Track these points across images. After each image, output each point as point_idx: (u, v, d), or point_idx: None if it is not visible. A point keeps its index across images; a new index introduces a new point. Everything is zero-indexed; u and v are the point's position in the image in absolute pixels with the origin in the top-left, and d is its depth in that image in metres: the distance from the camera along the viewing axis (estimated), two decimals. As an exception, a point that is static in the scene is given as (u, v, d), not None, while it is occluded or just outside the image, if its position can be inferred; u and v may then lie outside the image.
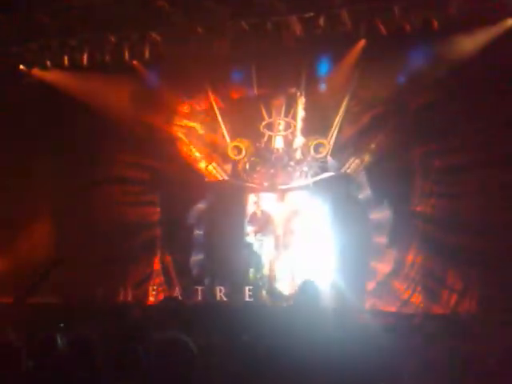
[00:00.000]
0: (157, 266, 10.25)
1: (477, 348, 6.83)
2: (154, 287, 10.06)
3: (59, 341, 4.27)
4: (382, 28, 8.50)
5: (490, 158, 8.25)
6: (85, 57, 9.66)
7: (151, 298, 9.99)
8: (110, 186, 10.43)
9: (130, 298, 9.85)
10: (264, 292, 9.46)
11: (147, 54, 9.48)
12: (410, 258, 8.95)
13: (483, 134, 8.38)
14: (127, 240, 10.18)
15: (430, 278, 8.78)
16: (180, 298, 9.52)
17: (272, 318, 6.60)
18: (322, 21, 8.65)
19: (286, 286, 9.51)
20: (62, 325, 6.20)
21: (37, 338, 4.26)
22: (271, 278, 9.61)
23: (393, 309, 8.84)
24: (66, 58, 9.74)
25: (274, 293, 9.46)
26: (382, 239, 9.19)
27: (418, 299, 8.80)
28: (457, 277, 8.54)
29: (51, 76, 9.98)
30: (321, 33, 8.67)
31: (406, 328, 8.12)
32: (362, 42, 8.80)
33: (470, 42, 8.27)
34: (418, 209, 8.97)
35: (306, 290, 6.27)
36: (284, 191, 9.78)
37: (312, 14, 8.64)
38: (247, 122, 9.91)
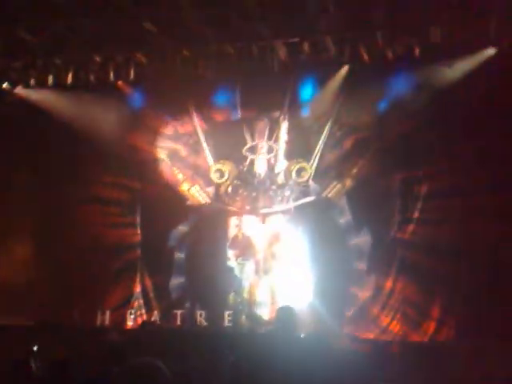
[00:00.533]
0: (136, 288, 10.08)
1: (454, 377, 6.81)
2: (132, 311, 9.89)
3: (33, 364, 4.19)
4: (366, 55, 8.61)
5: (470, 184, 8.25)
6: (69, 76, 9.65)
7: (129, 322, 9.82)
8: (89, 207, 10.28)
9: (107, 322, 9.62)
10: (244, 317, 9.35)
11: (132, 75, 9.51)
12: (389, 284, 8.87)
13: (463, 160, 8.39)
14: (106, 261, 10.03)
15: (408, 305, 8.70)
16: (158, 322, 9.41)
17: (250, 344, 6.55)
18: (306, 46, 8.75)
19: (265, 310, 9.40)
20: (35, 348, 6.06)
21: (11, 361, 4.17)
22: (251, 303, 9.50)
23: (371, 335, 8.75)
24: (50, 77, 9.73)
25: (253, 318, 9.36)
26: (362, 265, 9.13)
27: (396, 326, 8.72)
28: (436, 304, 8.46)
29: (35, 95, 9.98)
30: (305, 58, 8.77)
31: (384, 355, 8.08)
32: (346, 68, 8.90)
33: (452, 70, 8.35)
34: (398, 235, 8.93)
35: (282, 316, 6.25)
36: (265, 215, 9.72)
37: (297, 39, 8.73)
38: (230, 145, 9.87)
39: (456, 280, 8.16)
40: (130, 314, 9.86)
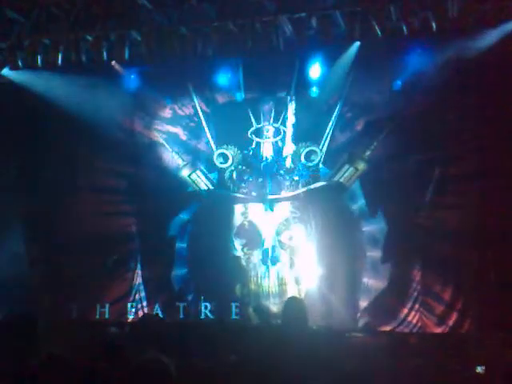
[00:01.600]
0: (136, 280, 9.69)
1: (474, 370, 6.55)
2: (133, 304, 9.53)
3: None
4: (378, 30, 8.11)
5: (492, 166, 7.88)
6: (59, 57, 9.09)
7: (130, 316, 9.46)
8: (85, 195, 9.82)
9: (107, 315, 9.28)
10: (251, 309, 9.03)
11: (126, 55, 8.95)
12: (406, 273, 8.53)
13: (484, 141, 8.02)
14: (104, 252, 9.60)
15: (428, 295, 8.37)
16: (160, 315, 8.99)
17: (259, 338, 6.31)
18: (314, 22, 8.29)
19: (274, 302, 9.06)
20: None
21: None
22: (259, 294, 9.17)
23: (388, 328, 8.43)
24: (38, 58, 9.17)
25: (261, 310, 9.02)
26: (377, 253, 8.78)
27: (415, 317, 8.39)
28: (457, 294, 8.11)
29: (23, 77, 9.41)
30: (313, 34, 8.28)
31: (402, 348, 7.82)
32: (357, 45, 8.38)
33: (470, 45, 7.90)
34: (416, 221, 8.53)
35: (290, 308, 6.00)
36: (273, 201, 9.30)
37: (304, 14, 8.23)
38: (234, 128, 9.43)
39: (480, 269, 7.79)
40: (132, 306, 9.51)
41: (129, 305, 9.53)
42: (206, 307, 9.04)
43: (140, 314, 9.38)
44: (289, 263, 9.18)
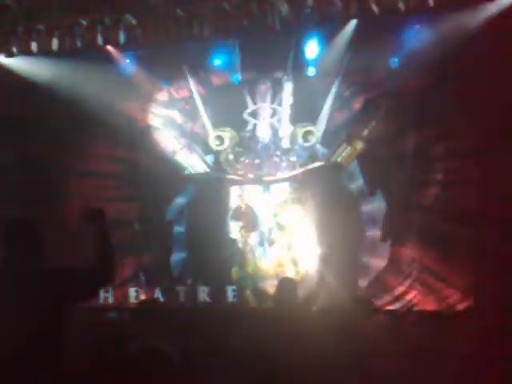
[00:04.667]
0: (137, 265, 9.63)
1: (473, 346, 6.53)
2: (135, 288, 9.44)
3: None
4: (375, 7, 7.94)
5: (493, 143, 7.72)
6: (54, 42, 8.99)
7: (132, 300, 9.37)
8: (82, 181, 9.74)
9: (110, 300, 9.23)
10: (248, 292, 9.00)
11: (122, 38, 8.83)
12: (406, 252, 8.43)
13: (482, 118, 7.85)
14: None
15: (427, 273, 8.26)
16: (161, 299, 8.98)
17: (256, 320, 6.28)
18: (310, 0, 8.13)
19: (272, 284, 8.88)
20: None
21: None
22: (256, 277, 9.12)
23: (388, 306, 8.34)
24: (33, 43, 9.07)
25: (258, 292, 9.00)
26: (376, 233, 8.70)
27: (415, 297, 8.29)
28: (457, 272, 8.00)
29: (18, 63, 9.33)
30: (309, 13, 8.09)
31: (402, 326, 7.77)
32: (353, 22, 8.27)
33: (469, 20, 7.77)
34: (415, 199, 8.43)
35: (282, 288, 5.96)
36: (270, 183, 9.25)
37: (299, -8, 8.09)
38: (230, 110, 9.34)
39: (480, 247, 7.66)
40: (136, 291, 9.40)
41: (132, 289, 9.44)
42: (203, 291, 8.97)
43: (141, 298, 9.27)
44: (286, 245, 9.11)
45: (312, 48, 8.77)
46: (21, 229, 3.64)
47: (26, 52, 9.16)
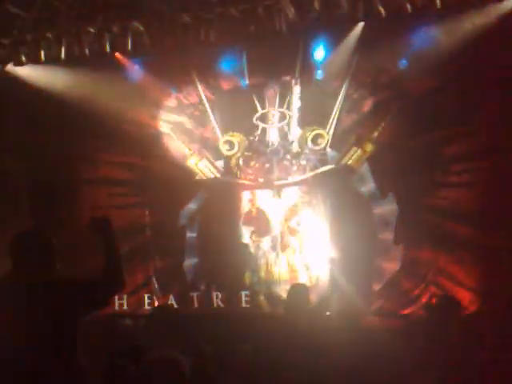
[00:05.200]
0: (150, 271, 9.68)
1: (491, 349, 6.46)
2: (149, 295, 9.47)
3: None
4: (382, 9, 7.90)
5: (504, 144, 7.66)
6: (62, 50, 9.02)
7: (146, 307, 9.37)
8: (93, 188, 9.82)
9: (125, 307, 9.22)
10: (261, 297, 8.98)
11: (129, 45, 8.83)
12: (419, 254, 8.38)
13: (494, 117, 7.79)
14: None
15: (442, 276, 8.21)
16: (175, 305, 9.00)
17: (270, 325, 6.29)
18: (316, 3, 8.09)
19: (285, 289, 8.92)
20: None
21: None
22: (269, 282, 9.11)
23: (402, 311, 8.30)
24: (42, 52, 9.11)
25: (272, 297, 8.97)
26: (388, 235, 8.65)
27: (430, 300, 8.18)
28: (470, 274, 7.94)
29: (27, 72, 9.34)
30: (316, 16, 8.04)
31: (417, 330, 7.70)
32: (361, 25, 8.20)
33: (478, 21, 7.70)
34: (427, 201, 8.37)
35: (294, 294, 5.97)
36: (281, 187, 9.22)
37: (305, -5, 8.05)
38: (239, 115, 9.34)
39: (493, 248, 7.60)
40: (149, 298, 9.42)
41: (145, 296, 9.45)
42: (217, 296, 8.97)
43: (155, 304, 9.31)
44: (299, 249, 9.08)
45: (319, 51, 8.73)
46: (33, 241, 3.67)
47: (34, 60, 9.20)
